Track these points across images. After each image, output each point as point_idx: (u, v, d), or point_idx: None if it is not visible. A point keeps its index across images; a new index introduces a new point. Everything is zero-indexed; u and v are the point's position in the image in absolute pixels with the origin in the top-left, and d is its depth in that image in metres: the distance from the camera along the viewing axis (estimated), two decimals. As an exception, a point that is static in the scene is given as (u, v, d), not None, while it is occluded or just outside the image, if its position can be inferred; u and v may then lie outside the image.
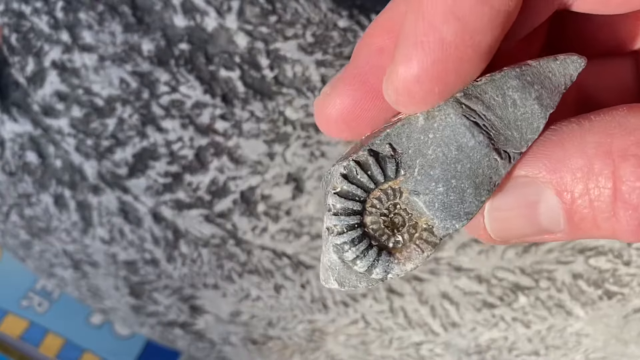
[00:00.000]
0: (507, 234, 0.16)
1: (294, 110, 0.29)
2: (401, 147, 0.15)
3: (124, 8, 0.29)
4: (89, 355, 0.43)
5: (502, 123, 0.15)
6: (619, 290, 0.30)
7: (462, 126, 0.15)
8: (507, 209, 0.16)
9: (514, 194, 0.15)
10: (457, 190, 0.15)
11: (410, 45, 0.15)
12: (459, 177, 0.15)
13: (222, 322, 0.35)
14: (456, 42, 0.14)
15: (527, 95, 0.15)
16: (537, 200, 0.15)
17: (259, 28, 0.29)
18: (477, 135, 0.15)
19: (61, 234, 0.33)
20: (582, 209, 0.15)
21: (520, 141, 0.15)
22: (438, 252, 0.30)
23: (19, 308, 0.44)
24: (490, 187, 0.15)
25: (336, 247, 0.15)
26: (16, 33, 0.30)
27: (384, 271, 0.15)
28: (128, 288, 0.35)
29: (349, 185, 0.15)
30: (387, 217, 0.15)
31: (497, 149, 0.15)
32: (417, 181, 0.15)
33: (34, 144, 0.31)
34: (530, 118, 0.15)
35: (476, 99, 0.15)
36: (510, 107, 0.15)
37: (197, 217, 0.31)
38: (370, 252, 0.15)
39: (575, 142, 0.15)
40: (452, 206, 0.15)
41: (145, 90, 0.29)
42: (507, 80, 0.15)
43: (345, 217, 0.15)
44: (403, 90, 0.15)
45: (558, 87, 0.15)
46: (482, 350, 0.33)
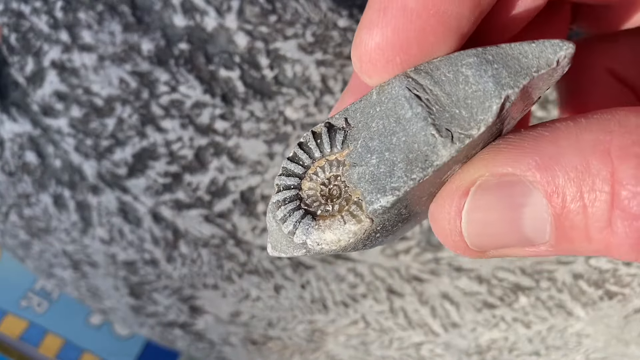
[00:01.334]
0: (485, 241, 0.14)
1: (294, 110, 0.29)
2: (354, 121, 0.15)
3: (124, 8, 0.29)
4: (89, 355, 0.43)
5: (450, 100, 0.14)
6: (620, 291, 0.30)
7: (402, 97, 0.14)
8: (488, 210, 0.14)
9: (497, 193, 0.14)
10: (388, 162, 0.14)
11: (374, 10, 0.14)
12: (392, 150, 0.14)
13: (222, 322, 0.35)
14: (418, 9, 0.14)
15: (482, 72, 0.14)
16: (522, 202, 0.13)
17: (259, 28, 0.29)
18: (415, 107, 0.14)
19: (60, 234, 0.33)
20: (573, 215, 0.13)
21: (469, 121, 0.14)
22: (438, 252, 0.30)
23: (18, 308, 0.44)
24: (425, 165, 0.14)
25: (271, 205, 0.15)
26: (15, 33, 0.30)
27: (303, 234, 0.15)
28: (128, 288, 0.35)
29: (298, 149, 0.15)
30: (326, 187, 0.15)
31: (436, 124, 0.14)
32: (357, 153, 0.15)
33: (34, 143, 0.31)
34: (482, 96, 0.14)
35: (426, 74, 0.14)
36: (461, 84, 0.14)
37: (196, 217, 0.31)
38: (296, 213, 0.15)
39: (571, 139, 0.13)
40: (380, 179, 0.14)
41: (144, 90, 0.29)
42: (463, 57, 0.14)
43: (285, 178, 0.15)
44: (365, 57, 0.14)
45: (527, 69, 0.14)
46: (482, 350, 0.33)
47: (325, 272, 0.32)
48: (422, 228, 0.30)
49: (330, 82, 0.29)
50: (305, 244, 0.15)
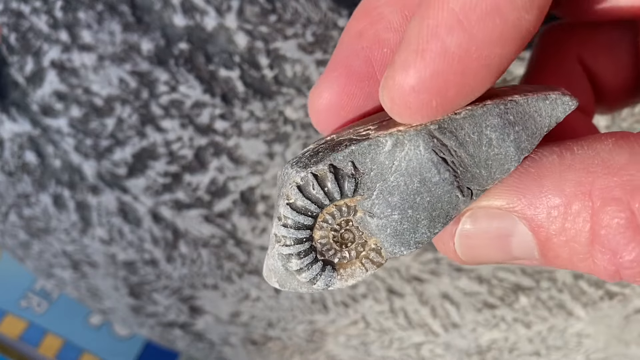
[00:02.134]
0: (477, 260, 0.15)
1: (294, 110, 0.29)
2: (364, 168, 0.15)
3: (124, 7, 0.29)
4: (88, 355, 0.43)
5: (472, 161, 0.15)
6: (620, 291, 0.30)
7: (430, 161, 0.14)
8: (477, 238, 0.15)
9: (485, 225, 0.15)
10: (412, 220, 0.15)
11: (411, 52, 0.14)
12: (416, 208, 0.15)
13: (222, 322, 0.35)
14: (460, 54, 0.13)
15: (505, 136, 0.15)
16: (509, 233, 0.14)
17: (259, 27, 0.29)
18: (443, 172, 0.14)
19: (60, 234, 0.33)
20: (557, 247, 0.14)
21: (487, 179, 0.15)
22: (439, 252, 0.30)
23: (18, 308, 0.44)
24: (445, 220, 0.15)
25: (282, 257, 0.15)
26: (15, 32, 0.30)
27: (326, 284, 0.15)
28: (127, 288, 0.35)
29: (303, 199, 0.15)
30: (337, 232, 0.15)
31: (460, 186, 0.15)
32: (374, 204, 0.15)
33: (33, 143, 0.31)
34: (503, 159, 0.15)
35: (450, 134, 0.14)
36: (485, 147, 0.15)
37: (196, 217, 0.31)
38: (315, 267, 0.15)
39: (554, 179, 0.14)
40: (403, 234, 0.15)
41: (144, 89, 0.29)
42: (487, 118, 0.14)
43: (294, 231, 0.15)
44: (399, 100, 0.14)
45: (540, 130, 0.15)
46: (482, 350, 0.33)
47: (325, 272, 0.32)
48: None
49: (330, 82, 0.29)
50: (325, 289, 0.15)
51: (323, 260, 0.15)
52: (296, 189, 0.15)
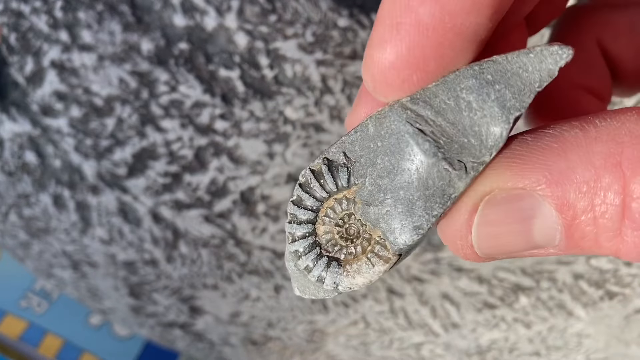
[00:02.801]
0: (496, 251, 0.14)
1: (294, 109, 0.29)
2: (354, 156, 0.14)
3: (124, 7, 0.29)
4: (88, 355, 0.43)
5: (456, 129, 0.14)
6: (620, 291, 0.30)
7: (406, 134, 0.14)
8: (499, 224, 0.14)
9: (507, 208, 0.14)
10: (405, 202, 0.14)
11: (386, 27, 0.13)
12: (407, 188, 0.14)
13: (222, 322, 0.35)
14: (434, 24, 0.13)
15: (484, 97, 0.13)
16: (532, 215, 0.13)
17: (259, 27, 0.29)
18: (422, 143, 0.14)
19: (60, 234, 0.33)
20: (584, 226, 0.13)
21: (480, 149, 0.13)
22: (439, 252, 0.30)
23: (18, 309, 0.44)
24: (444, 200, 0.14)
25: (290, 254, 0.15)
26: (15, 32, 0.30)
27: (333, 282, 0.15)
28: (127, 288, 0.35)
29: (303, 194, 0.15)
30: (341, 227, 0.15)
31: (447, 158, 0.14)
32: (368, 191, 0.14)
33: (33, 143, 0.31)
34: (490, 122, 0.13)
35: (424, 103, 0.14)
36: (465, 112, 0.13)
37: (196, 217, 0.31)
38: (320, 262, 0.15)
39: (581, 152, 0.13)
40: (400, 218, 0.14)
41: (144, 89, 0.29)
42: (461, 81, 0.14)
43: (297, 226, 0.15)
44: (379, 77, 0.14)
45: (530, 86, 0.13)
46: (482, 350, 0.33)
47: (325, 272, 0.32)
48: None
49: (330, 81, 0.29)
50: (335, 289, 0.15)
51: (329, 256, 0.15)
52: (298, 186, 0.15)
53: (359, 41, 0.29)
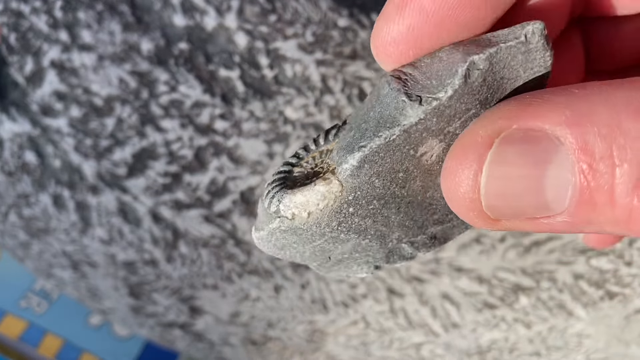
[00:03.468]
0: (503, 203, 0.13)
1: (294, 109, 0.29)
2: (349, 119, 0.16)
3: (123, 7, 0.29)
4: (88, 356, 0.43)
5: (424, 76, 0.15)
6: (620, 291, 0.30)
7: (385, 82, 0.15)
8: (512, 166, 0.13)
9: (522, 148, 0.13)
10: (362, 130, 0.15)
11: (394, 5, 0.15)
12: (367, 120, 0.15)
13: (222, 322, 0.35)
14: (434, 10, 0.15)
15: (454, 51, 0.15)
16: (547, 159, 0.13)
17: (259, 27, 0.29)
18: (392, 83, 0.15)
19: (60, 234, 0.33)
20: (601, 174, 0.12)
21: (437, 87, 0.14)
22: (439, 252, 0.30)
23: (17, 309, 0.44)
24: (392, 125, 0.14)
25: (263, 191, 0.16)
26: (15, 32, 0.30)
27: (278, 200, 0.15)
28: (127, 288, 0.35)
29: (300, 149, 0.16)
30: (312, 169, 0.15)
31: (408, 93, 0.15)
32: (342, 136, 0.15)
33: (33, 143, 0.31)
34: (450, 66, 0.15)
35: (410, 65, 0.15)
36: (436, 63, 0.15)
37: (196, 217, 0.31)
38: (276, 187, 0.15)
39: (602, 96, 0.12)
40: (352, 144, 0.15)
41: (144, 89, 0.29)
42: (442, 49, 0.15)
43: (281, 167, 0.16)
44: (381, 49, 0.15)
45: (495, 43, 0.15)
46: (482, 351, 0.33)
47: (325, 272, 0.32)
48: (423, 228, 0.30)
49: (330, 81, 0.29)
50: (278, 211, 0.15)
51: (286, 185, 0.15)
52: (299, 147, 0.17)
53: (359, 41, 0.29)
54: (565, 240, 0.30)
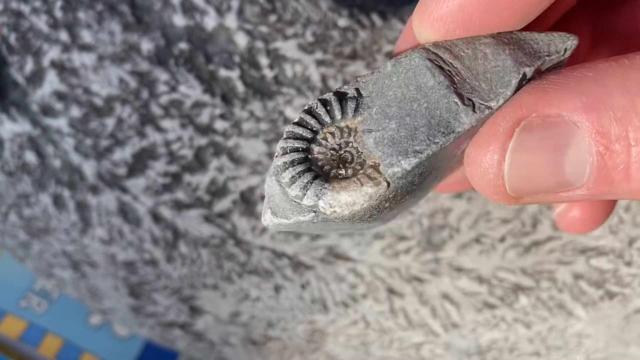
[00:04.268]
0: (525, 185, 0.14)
1: (294, 109, 0.29)
2: (366, 92, 0.15)
3: (123, 7, 0.29)
4: (88, 355, 0.43)
5: (470, 73, 0.15)
6: (620, 291, 0.30)
7: (424, 67, 0.15)
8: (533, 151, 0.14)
9: (541, 135, 0.14)
10: (409, 127, 0.14)
11: None
12: (413, 115, 0.14)
13: (222, 322, 0.35)
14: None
15: (499, 50, 0.15)
16: (566, 143, 0.13)
17: (259, 27, 0.29)
18: (438, 76, 0.14)
19: (60, 234, 0.33)
20: (617, 154, 0.13)
21: (488, 93, 0.14)
22: (439, 252, 0.30)
23: (17, 308, 0.44)
24: (447, 131, 0.14)
25: (276, 168, 0.14)
26: (15, 32, 0.30)
27: (315, 195, 0.14)
28: (127, 288, 0.35)
29: (305, 115, 0.15)
30: (336, 152, 0.15)
31: (459, 93, 0.14)
32: (372, 120, 0.15)
33: (33, 143, 0.31)
34: (502, 72, 0.15)
35: (445, 49, 0.15)
36: (480, 60, 0.15)
37: (196, 217, 0.31)
38: (306, 175, 0.14)
39: (616, 79, 0.13)
40: (400, 142, 0.14)
41: (144, 89, 0.29)
42: (480, 38, 0.15)
43: (292, 140, 0.15)
44: (427, 25, 0.15)
45: (539, 53, 0.15)
46: (482, 350, 0.33)
47: (325, 272, 0.32)
48: (422, 228, 0.30)
49: (330, 81, 0.29)
50: (316, 206, 0.14)
51: (317, 173, 0.14)
52: (302, 111, 0.15)
53: (359, 41, 0.29)
54: (565, 240, 0.30)
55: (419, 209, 0.30)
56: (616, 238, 0.30)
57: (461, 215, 0.30)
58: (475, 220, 0.30)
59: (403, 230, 0.30)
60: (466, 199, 0.30)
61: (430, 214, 0.30)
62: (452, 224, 0.30)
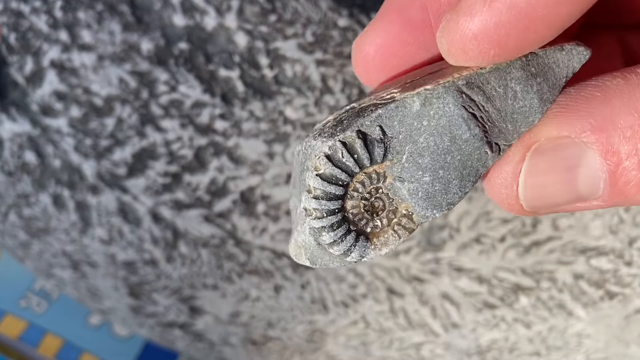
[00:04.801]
0: (541, 203, 0.15)
1: (294, 109, 0.29)
2: (392, 131, 0.14)
3: (123, 7, 0.29)
4: (88, 355, 0.43)
5: (499, 115, 0.15)
6: (620, 291, 0.30)
7: (460, 117, 0.14)
8: (544, 173, 0.14)
9: (553, 157, 0.14)
10: (443, 180, 0.14)
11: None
12: (447, 168, 0.14)
13: (222, 322, 0.35)
14: (527, 10, 0.13)
15: (528, 88, 0.15)
16: (577, 163, 0.14)
17: (259, 27, 0.29)
18: (474, 128, 0.14)
19: (60, 234, 0.33)
20: (628, 171, 0.13)
21: (512, 133, 0.15)
22: (439, 252, 0.30)
23: (17, 308, 0.44)
24: (475, 179, 0.15)
25: (313, 231, 0.15)
26: (15, 32, 0.30)
27: (360, 255, 0.15)
28: (127, 288, 0.35)
29: (333, 168, 0.14)
30: (367, 200, 0.15)
31: (489, 142, 0.15)
32: (403, 168, 0.14)
33: (33, 143, 0.31)
34: (528, 112, 0.15)
35: (478, 88, 0.14)
36: (510, 100, 0.15)
37: (196, 217, 0.31)
38: (348, 238, 0.15)
39: (624, 99, 0.13)
40: (435, 196, 0.15)
41: (144, 89, 0.29)
42: (511, 70, 0.15)
43: (326, 202, 0.14)
44: (458, 44, 0.14)
45: (559, 81, 0.15)
46: (482, 350, 0.33)
47: (325, 272, 0.32)
48: (422, 228, 0.30)
49: (330, 81, 0.29)
50: (357, 260, 0.15)
51: (356, 230, 0.15)
52: (325, 158, 0.14)
53: None
54: (565, 240, 0.30)
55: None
56: (616, 238, 0.30)
57: (461, 216, 0.30)
58: (475, 220, 0.30)
59: (403, 230, 0.30)
60: (466, 199, 0.30)
61: (430, 214, 0.30)
62: (452, 224, 0.30)
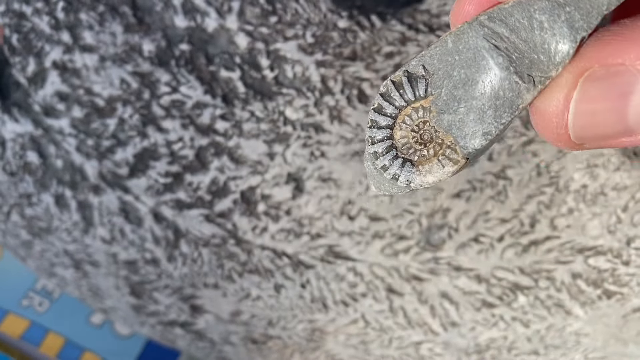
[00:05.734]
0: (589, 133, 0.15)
1: (294, 110, 0.29)
2: (432, 68, 0.16)
3: (125, 8, 0.29)
4: (90, 354, 0.43)
5: (527, 46, 0.15)
6: (618, 290, 0.30)
7: (482, 49, 0.15)
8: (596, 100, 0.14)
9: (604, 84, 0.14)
10: (477, 110, 0.15)
11: None
12: (479, 98, 0.15)
13: (223, 321, 0.35)
14: None
15: (555, 17, 0.15)
16: (630, 90, 0.14)
17: (259, 29, 0.29)
18: (496, 57, 0.15)
19: (62, 234, 0.33)
20: None
21: (547, 65, 0.15)
22: (438, 252, 0.30)
23: (19, 308, 0.44)
24: (512, 110, 0.15)
25: (369, 155, 0.16)
26: (17, 33, 0.30)
27: (406, 180, 0.16)
28: (128, 288, 0.35)
29: (384, 102, 0.16)
30: (416, 133, 0.16)
31: (518, 72, 0.15)
32: (443, 101, 0.16)
33: (35, 144, 0.31)
34: (559, 41, 0.15)
35: (500, 21, 0.15)
36: (537, 30, 0.15)
37: (197, 217, 0.31)
38: (395, 162, 0.16)
39: None
40: (470, 125, 0.15)
41: (145, 90, 0.29)
42: (535, 2, 0.15)
43: (377, 130, 0.16)
44: None
45: (598, 8, 0.15)
46: (481, 349, 0.33)
47: (325, 271, 0.32)
48: (422, 228, 0.30)
49: (330, 82, 0.29)
50: (408, 186, 0.16)
51: (403, 158, 0.16)
52: (379, 95, 0.16)
53: (358, 42, 0.29)
54: (563, 239, 0.30)
55: (418, 208, 0.30)
56: (614, 238, 0.30)
57: (460, 215, 0.30)
58: (474, 219, 0.30)
59: (402, 230, 0.30)
60: (465, 198, 0.30)
61: (429, 214, 0.30)
62: (451, 223, 0.30)
